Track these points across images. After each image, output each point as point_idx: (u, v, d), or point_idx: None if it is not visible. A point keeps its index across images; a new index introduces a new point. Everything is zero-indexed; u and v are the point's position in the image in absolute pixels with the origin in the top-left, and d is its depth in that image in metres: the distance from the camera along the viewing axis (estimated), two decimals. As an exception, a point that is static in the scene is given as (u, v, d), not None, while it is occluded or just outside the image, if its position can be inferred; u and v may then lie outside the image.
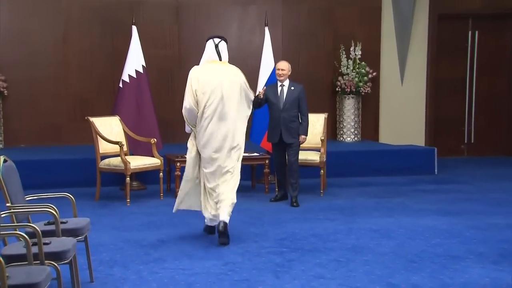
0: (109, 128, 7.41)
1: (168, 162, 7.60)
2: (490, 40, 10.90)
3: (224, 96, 5.34)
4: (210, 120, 5.33)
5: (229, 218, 5.33)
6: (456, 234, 5.63)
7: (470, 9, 10.65)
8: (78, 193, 6.02)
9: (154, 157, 7.35)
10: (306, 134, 6.96)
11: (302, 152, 7.21)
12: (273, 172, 7.47)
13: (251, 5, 9.97)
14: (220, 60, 5.51)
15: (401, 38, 10.40)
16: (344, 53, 9.93)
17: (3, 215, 3.69)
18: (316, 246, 5.24)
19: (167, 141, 8.54)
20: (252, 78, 6.75)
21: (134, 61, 7.82)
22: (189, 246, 5.24)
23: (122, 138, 7.38)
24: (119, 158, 7.02)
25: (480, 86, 11.01)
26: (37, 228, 3.45)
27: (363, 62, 9.91)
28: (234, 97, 5.40)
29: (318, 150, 7.54)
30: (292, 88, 6.93)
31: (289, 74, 6.99)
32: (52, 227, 3.88)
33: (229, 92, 5.37)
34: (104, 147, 7.21)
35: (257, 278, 4.45)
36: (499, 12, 10.72)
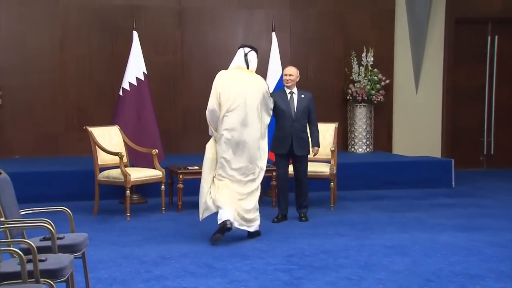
0: (108, 138, 7.42)
1: (170, 174, 7.61)
2: (511, 45, 10.89)
3: (247, 103, 5.87)
4: (232, 125, 5.81)
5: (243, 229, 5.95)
6: (475, 252, 5.60)
7: (489, 12, 10.66)
8: (76, 207, 6.03)
9: (155, 168, 7.36)
10: (319, 146, 6.95)
11: (311, 163, 7.18)
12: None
13: (258, 9, 10.00)
14: (247, 68, 6.07)
15: (415, 44, 10.40)
16: (355, 59, 9.94)
17: (-3, 230, 3.70)
18: (326, 263, 5.22)
19: (169, 152, 8.56)
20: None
21: (135, 67, 7.84)
22: (192, 263, 5.23)
23: (122, 149, 7.40)
24: (119, 170, 7.03)
25: (500, 94, 11.00)
26: (32, 244, 3.44)
27: (376, 69, 9.92)
28: (256, 105, 5.94)
29: (328, 161, 7.53)
30: (302, 96, 6.84)
31: (297, 80, 6.88)
32: (48, 243, 3.88)
33: (251, 100, 5.91)
34: (103, 158, 7.22)
35: (264, 297, 4.44)
36: (520, 15, 10.73)
